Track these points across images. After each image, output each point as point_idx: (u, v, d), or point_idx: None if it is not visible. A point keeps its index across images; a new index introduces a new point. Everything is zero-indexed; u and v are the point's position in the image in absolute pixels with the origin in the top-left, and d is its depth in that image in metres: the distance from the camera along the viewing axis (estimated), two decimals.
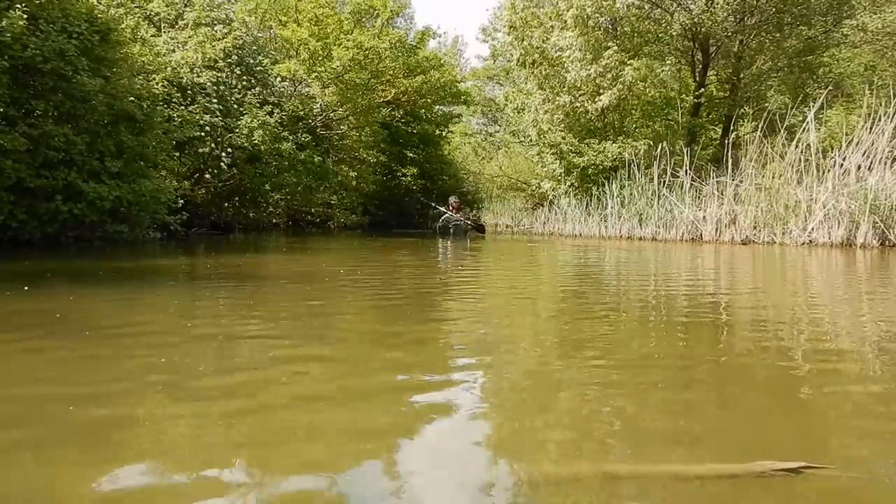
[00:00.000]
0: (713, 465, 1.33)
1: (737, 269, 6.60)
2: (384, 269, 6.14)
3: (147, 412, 1.66)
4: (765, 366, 2.27)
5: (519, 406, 1.78)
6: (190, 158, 12.21)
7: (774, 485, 1.24)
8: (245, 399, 1.78)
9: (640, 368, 2.19)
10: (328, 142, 17.48)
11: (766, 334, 2.88)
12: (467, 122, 32.73)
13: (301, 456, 1.40)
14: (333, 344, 2.60)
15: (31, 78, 7.48)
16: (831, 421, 1.72)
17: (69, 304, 3.46)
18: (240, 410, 1.67)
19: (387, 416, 1.66)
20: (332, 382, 2.00)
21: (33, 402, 1.73)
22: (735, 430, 1.59)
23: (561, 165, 16.13)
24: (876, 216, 9.66)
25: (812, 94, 13.73)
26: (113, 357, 2.26)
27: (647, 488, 1.25)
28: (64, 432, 1.50)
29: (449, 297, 4.27)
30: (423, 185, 24.83)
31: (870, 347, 2.58)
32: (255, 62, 14.10)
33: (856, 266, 6.79)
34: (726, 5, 13.43)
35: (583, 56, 14.30)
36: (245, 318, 3.14)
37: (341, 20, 16.59)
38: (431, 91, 20.26)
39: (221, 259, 7.04)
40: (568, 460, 1.39)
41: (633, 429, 1.57)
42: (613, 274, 6.15)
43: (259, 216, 15.22)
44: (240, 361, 2.25)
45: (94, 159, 8.10)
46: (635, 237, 13.57)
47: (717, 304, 3.88)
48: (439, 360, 2.32)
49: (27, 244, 7.49)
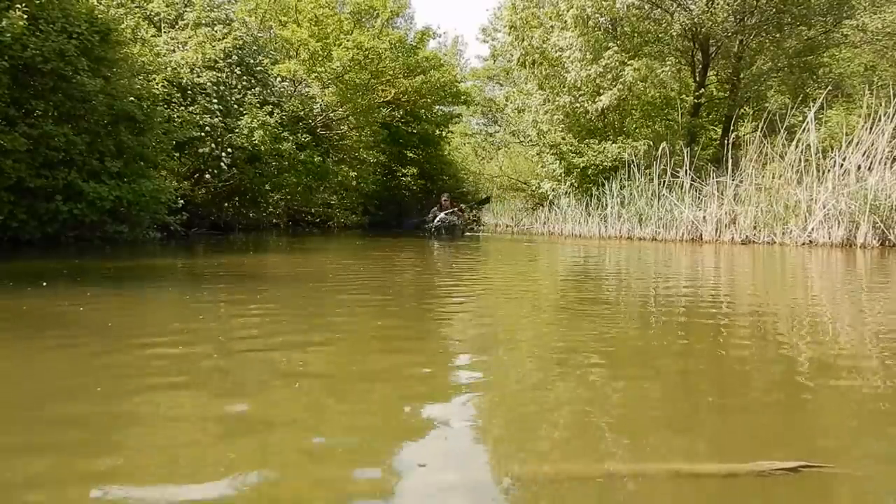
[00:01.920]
0: (713, 464, 1.33)
1: (737, 270, 6.60)
2: (384, 270, 6.14)
3: (149, 410, 1.66)
4: (764, 365, 2.27)
5: (518, 405, 1.78)
6: (190, 159, 12.21)
7: (774, 484, 1.24)
8: (245, 398, 1.78)
9: (639, 368, 2.19)
10: (328, 142, 17.47)
11: (765, 334, 2.88)
12: (467, 122, 32.73)
13: (300, 455, 1.40)
14: (334, 344, 2.60)
15: (31, 78, 7.47)
16: (831, 421, 1.72)
17: (86, 301, 3.47)
18: (238, 412, 1.67)
19: (386, 414, 1.66)
20: (332, 382, 2.00)
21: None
22: (735, 430, 1.59)
23: (561, 166, 16.13)
24: (876, 216, 9.66)
25: (812, 94, 13.72)
26: (119, 355, 2.27)
27: (647, 488, 1.25)
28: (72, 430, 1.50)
29: (448, 296, 4.27)
30: (423, 185, 24.81)
31: (870, 347, 2.58)
32: (255, 62, 14.09)
33: (856, 266, 6.79)
34: (726, 6, 13.42)
35: (583, 56, 14.30)
36: (246, 318, 3.14)
37: (341, 20, 16.60)
38: (431, 91, 20.25)
39: (222, 259, 7.04)
40: (568, 459, 1.39)
41: (632, 428, 1.57)
42: (613, 274, 6.15)
43: (259, 216, 15.20)
44: (239, 360, 2.25)
45: (94, 159, 8.09)
46: (635, 237, 13.56)
47: (716, 304, 3.87)
48: (438, 359, 2.32)
49: (27, 244, 7.48)
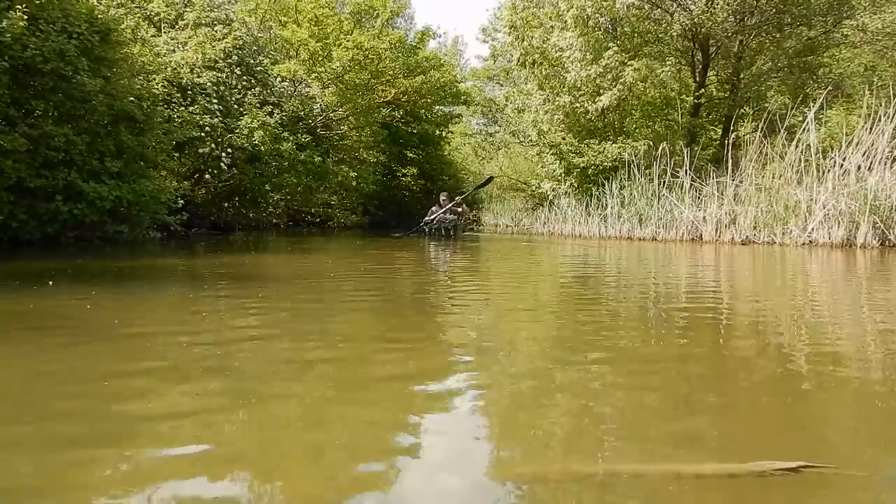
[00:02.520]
0: (713, 464, 1.33)
1: (737, 270, 6.60)
2: (384, 269, 6.14)
3: (151, 408, 1.67)
4: (765, 365, 2.27)
5: (518, 405, 1.78)
6: (190, 159, 12.21)
7: (774, 484, 1.24)
8: (246, 397, 1.78)
9: (639, 368, 2.19)
10: (328, 142, 17.47)
11: (765, 334, 2.88)
12: (467, 122, 32.77)
13: (300, 454, 1.40)
14: (334, 343, 2.59)
15: (31, 78, 7.47)
16: (831, 421, 1.72)
17: (92, 300, 3.47)
18: (239, 412, 1.67)
19: (386, 414, 1.66)
20: (331, 380, 2.00)
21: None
22: (735, 430, 1.59)
23: (561, 166, 16.14)
24: (876, 216, 9.66)
25: (812, 94, 13.73)
26: (121, 354, 2.27)
27: (647, 488, 1.25)
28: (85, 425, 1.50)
29: (448, 296, 4.27)
30: (423, 185, 24.83)
31: (870, 347, 2.58)
32: (255, 62, 14.09)
33: (856, 266, 6.79)
34: (726, 6, 13.42)
35: (583, 56, 14.31)
36: (246, 318, 3.14)
37: (341, 20, 16.61)
38: (431, 91, 20.27)
39: (222, 259, 7.04)
40: (568, 459, 1.39)
41: (632, 428, 1.57)
42: (613, 274, 6.15)
43: (259, 216, 15.21)
44: (240, 359, 2.25)
45: (95, 159, 8.10)
46: (635, 237, 13.56)
47: (717, 304, 3.87)
48: (438, 359, 2.32)
49: (27, 244, 7.48)
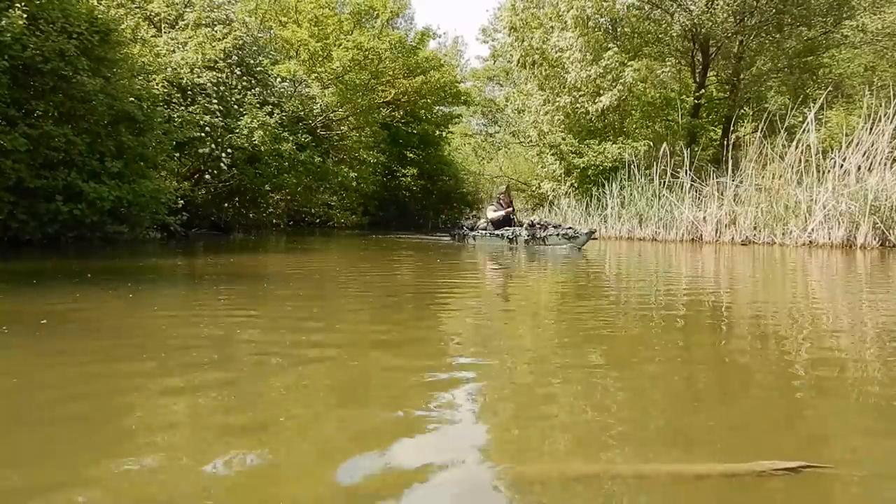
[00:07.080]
0: (713, 464, 1.33)
1: (737, 270, 6.60)
2: (384, 269, 6.14)
3: (151, 406, 1.66)
4: (764, 365, 2.27)
5: (518, 405, 1.78)
6: (190, 159, 12.21)
7: (774, 484, 1.24)
8: (245, 397, 1.78)
9: (639, 368, 2.19)
10: (328, 142, 17.48)
11: (765, 335, 2.88)
12: (467, 122, 32.76)
13: (300, 454, 1.39)
14: (334, 343, 2.59)
15: (31, 78, 7.47)
16: (831, 421, 1.71)
17: (92, 300, 3.46)
18: (239, 412, 1.67)
19: (386, 414, 1.66)
20: (331, 381, 2.00)
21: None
22: (735, 430, 1.59)
23: (561, 166, 16.15)
24: (876, 217, 9.66)
25: (812, 94, 13.75)
26: (123, 355, 2.27)
27: (646, 488, 1.24)
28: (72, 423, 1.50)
29: (448, 296, 4.27)
30: (423, 185, 24.83)
31: (870, 347, 2.58)
32: (256, 63, 14.09)
33: (856, 266, 6.79)
34: (726, 6, 13.44)
35: (583, 57, 14.32)
36: (246, 318, 3.14)
37: (341, 21, 16.63)
38: (431, 91, 20.30)
39: (222, 259, 7.04)
40: (567, 460, 1.39)
41: (632, 428, 1.57)
42: (613, 274, 6.15)
43: (259, 216, 15.21)
44: (240, 359, 2.25)
45: (95, 160, 8.09)
46: (635, 238, 13.56)
47: (717, 304, 3.87)
48: (438, 359, 2.32)
49: (27, 244, 7.48)
